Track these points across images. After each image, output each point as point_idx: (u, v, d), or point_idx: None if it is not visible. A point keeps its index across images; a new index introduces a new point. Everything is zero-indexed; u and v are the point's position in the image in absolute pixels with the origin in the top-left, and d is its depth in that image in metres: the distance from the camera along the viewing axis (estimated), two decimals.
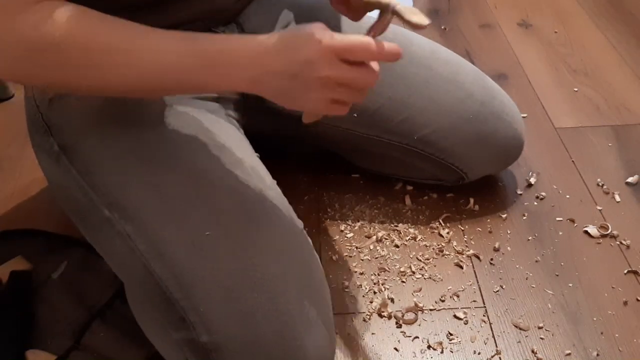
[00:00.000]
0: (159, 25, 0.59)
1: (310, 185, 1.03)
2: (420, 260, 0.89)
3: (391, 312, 0.81)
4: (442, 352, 0.77)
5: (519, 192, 1.01)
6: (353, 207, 0.99)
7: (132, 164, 0.67)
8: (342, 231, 0.95)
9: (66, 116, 0.72)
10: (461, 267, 0.88)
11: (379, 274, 0.87)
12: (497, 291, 0.84)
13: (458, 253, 0.90)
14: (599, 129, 1.14)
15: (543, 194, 1.00)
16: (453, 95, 0.90)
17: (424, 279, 0.87)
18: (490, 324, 0.80)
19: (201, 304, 0.60)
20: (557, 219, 0.95)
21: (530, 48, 1.41)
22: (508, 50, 1.41)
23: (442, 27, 1.51)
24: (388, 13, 0.59)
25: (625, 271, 0.86)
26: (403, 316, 0.81)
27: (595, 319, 0.80)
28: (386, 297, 0.84)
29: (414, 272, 0.87)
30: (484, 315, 0.81)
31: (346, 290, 0.85)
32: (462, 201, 0.99)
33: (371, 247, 0.92)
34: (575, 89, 1.26)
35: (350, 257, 0.90)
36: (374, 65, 0.57)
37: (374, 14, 0.65)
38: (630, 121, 1.16)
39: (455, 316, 0.81)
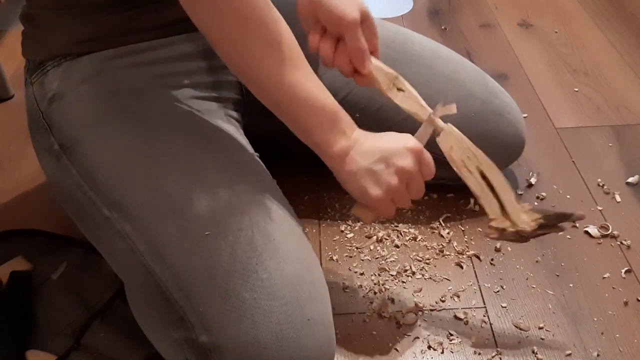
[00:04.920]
0: (158, 21, 0.59)
1: (310, 186, 1.03)
2: (420, 261, 0.89)
3: (391, 313, 0.81)
4: (442, 352, 0.77)
5: (519, 192, 1.01)
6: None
7: (132, 163, 0.67)
8: (342, 231, 0.95)
9: (66, 115, 0.71)
10: (461, 268, 0.88)
11: (379, 274, 0.87)
12: (498, 291, 0.84)
13: (458, 253, 0.90)
14: (599, 129, 1.14)
15: (543, 194, 1.00)
16: (454, 94, 0.90)
17: (424, 279, 0.86)
18: (490, 324, 0.80)
19: (200, 304, 0.60)
20: None
21: (530, 48, 1.41)
22: (508, 50, 1.41)
23: (443, 27, 1.51)
24: (430, 126, 0.71)
25: (626, 271, 0.86)
26: (403, 316, 0.81)
27: (595, 319, 0.80)
28: (386, 297, 0.84)
29: (414, 273, 0.87)
30: (484, 316, 0.81)
31: (346, 290, 0.85)
32: (462, 201, 0.99)
33: (371, 247, 0.92)
34: (576, 89, 1.26)
35: (350, 257, 0.90)
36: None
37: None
38: (630, 121, 1.16)
39: (455, 316, 0.81)
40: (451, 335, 0.79)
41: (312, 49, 0.73)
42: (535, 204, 0.98)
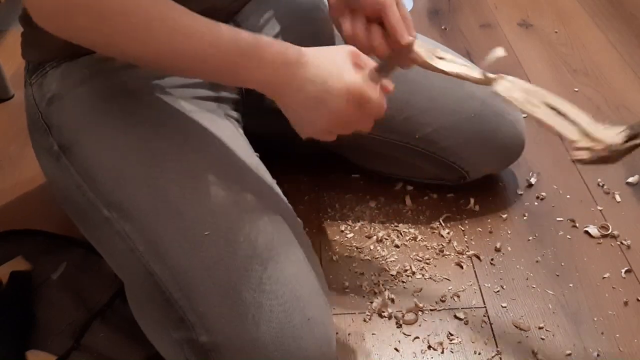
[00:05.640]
0: None
1: (311, 185, 1.03)
2: (420, 261, 0.89)
3: (391, 313, 0.81)
4: (442, 352, 0.77)
5: (519, 192, 1.01)
6: (353, 207, 0.99)
7: (131, 164, 0.67)
8: (342, 231, 0.95)
9: (65, 116, 0.71)
10: (461, 267, 0.88)
11: (379, 274, 0.87)
12: (498, 291, 0.84)
13: (458, 253, 0.90)
14: None
15: (543, 194, 1.00)
16: (454, 94, 0.90)
17: (425, 279, 0.86)
18: (490, 324, 0.80)
19: (200, 304, 0.60)
20: (558, 219, 0.95)
21: (530, 48, 1.41)
22: (508, 50, 1.41)
23: (443, 27, 1.51)
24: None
25: (626, 271, 0.86)
26: (403, 316, 0.81)
27: (595, 319, 0.80)
28: (386, 297, 0.83)
29: (414, 273, 0.87)
30: (484, 316, 0.81)
31: (346, 290, 0.85)
32: (462, 201, 0.99)
33: (371, 247, 0.92)
34: (576, 89, 1.26)
35: (351, 257, 0.90)
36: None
37: None
38: (630, 121, 1.15)
39: (455, 316, 0.81)
40: (451, 335, 0.79)
41: (348, 36, 0.73)
42: (535, 203, 0.98)
